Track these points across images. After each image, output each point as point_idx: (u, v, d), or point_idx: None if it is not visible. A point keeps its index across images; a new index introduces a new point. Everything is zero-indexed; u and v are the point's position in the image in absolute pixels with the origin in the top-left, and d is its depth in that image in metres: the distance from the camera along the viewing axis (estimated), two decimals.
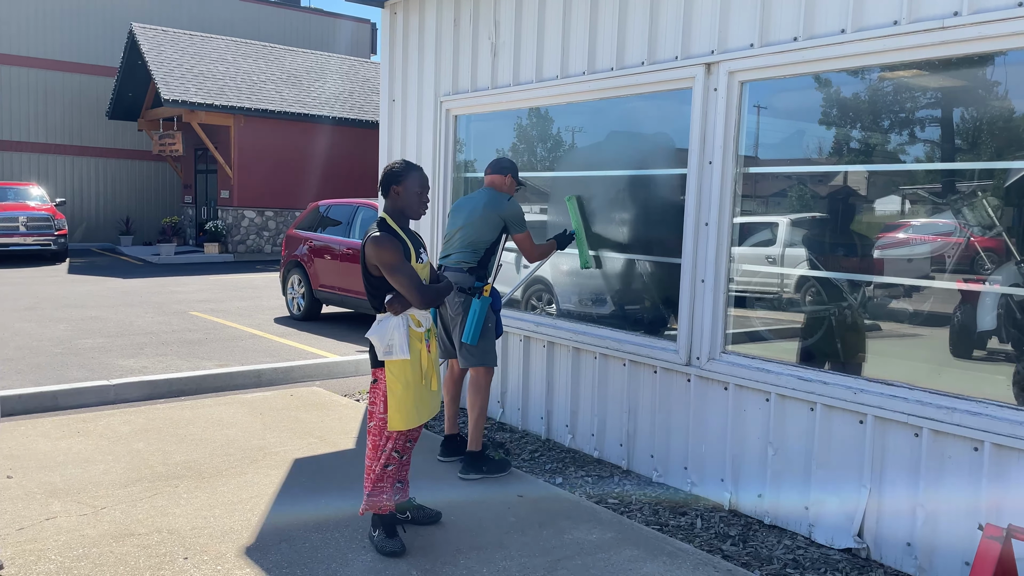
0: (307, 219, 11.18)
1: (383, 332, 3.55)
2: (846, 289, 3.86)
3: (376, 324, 3.58)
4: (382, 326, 3.56)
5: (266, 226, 21.16)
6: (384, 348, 3.54)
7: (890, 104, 3.68)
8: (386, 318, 3.57)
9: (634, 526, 4.01)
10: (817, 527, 3.95)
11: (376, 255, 3.48)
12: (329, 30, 29.26)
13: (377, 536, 3.61)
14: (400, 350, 3.53)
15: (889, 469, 3.67)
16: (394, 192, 3.66)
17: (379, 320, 3.59)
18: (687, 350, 4.49)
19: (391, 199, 3.68)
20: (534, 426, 5.60)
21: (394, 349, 3.53)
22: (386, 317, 3.57)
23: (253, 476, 4.50)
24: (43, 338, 8.72)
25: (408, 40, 6.50)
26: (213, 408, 5.93)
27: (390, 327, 3.54)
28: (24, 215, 17.59)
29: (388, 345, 3.53)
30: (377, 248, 3.48)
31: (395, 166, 3.69)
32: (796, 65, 3.94)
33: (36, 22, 23.16)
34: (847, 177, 3.86)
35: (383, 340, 3.54)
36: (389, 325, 3.55)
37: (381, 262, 3.48)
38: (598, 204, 5.11)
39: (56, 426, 5.35)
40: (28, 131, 23.29)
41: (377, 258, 3.48)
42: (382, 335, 3.55)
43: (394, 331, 3.54)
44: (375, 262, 3.51)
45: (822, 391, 3.86)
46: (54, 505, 3.99)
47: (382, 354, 3.55)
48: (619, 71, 4.78)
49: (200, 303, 11.96)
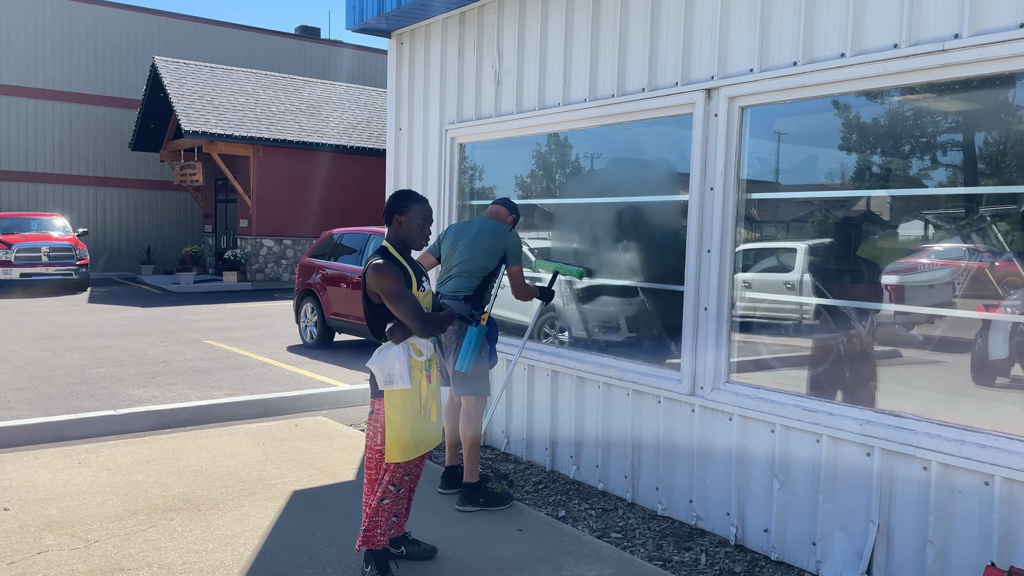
0: (320, 247, 11.22)
1: (384, 361, 3.49)
2: (853, 316, 3.76)
3: (377, 353, 3.53)
4: (383, 355, 3.51)
5: (284, 254, 21.31)
6: (385, 377, 3.48)
7: (893, 128, 3.60)
8: (387, 347, 3.52)
9: (636, 562, 3.89)
10: (825, 563, 3.81)
11: (377, 283, 3.44)
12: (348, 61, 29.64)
13: (369, 572, 3.53)
14: (401, 379, 3.47)
15: (898, 504, 3.54)
16: (396, 222, 3.63)
17: (380, 349, 3.54)
18: (691, 380, 4.39)
19: (393, 228, 3.65)
20: (539, 457, 5.51)
21: (395, 378, 3.47)
22: (387, 346, 3.52)
23: (250, 509, 4.44)
24: (57, 368, 8.77)
25: (414, 69, 6.53)
26: (216, 439, 5.89)
27: (391, 356, 3.49)
28: (46, 245, 17.84)
29: (388, 374, 3.47)
30: (378, 275, 3.44)
31: (399, 196, 3.66)
32: (796, 90, 3.88)
33: (61, 56, 23.68)
34: (851, 202, 3.78)
35: (384, 369, 3.48)
36: (390, 354, 3.49)
37: (382, 289, 3.44)
38: (601, 231, 5.05)
39: (59, 457, 5.33)
40: (53, 163, 23.72)
41: (378, 285, 3.44)
42: (383, 364, 3.49)
43: (395, 360, 3.48)
44: (376, 289, 3.46)
45: (828, 422, 3.75)
46: (47, 538, 3.95)
47: (383, 383, 3.49)
48: (620, 97, 4.74)
49: (215, 331, 12.01)
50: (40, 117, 23.48)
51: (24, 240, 17.85)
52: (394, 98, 6.74)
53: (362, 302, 3.59)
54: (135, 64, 24.75)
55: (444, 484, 4.82)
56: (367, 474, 3.57)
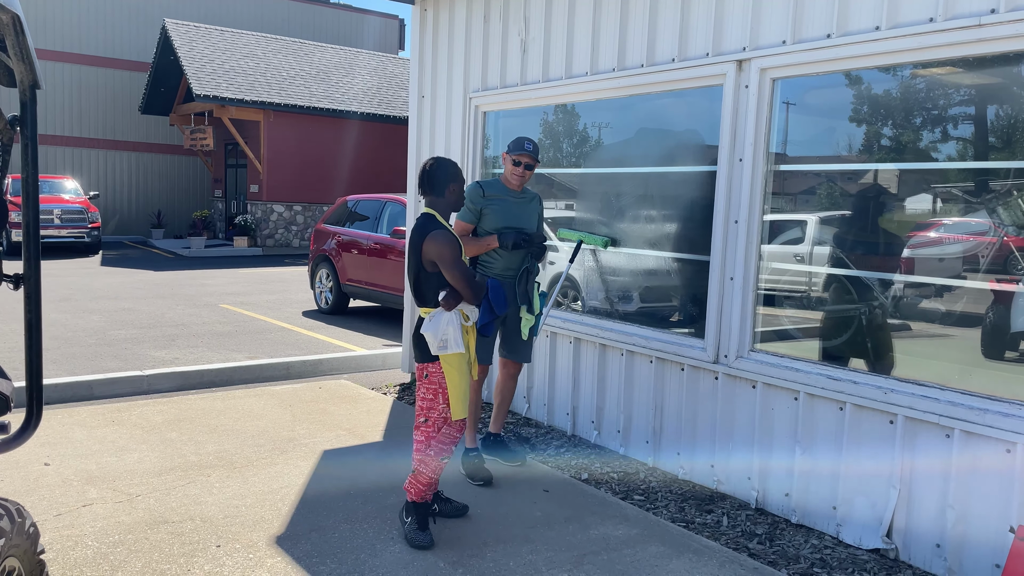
0: (335, 214, 11.28)
1: (437, 327, 3.57)
2: (876, 288, 3.84)
3: (429, 320, 3.60)
4: (435, 322, 3.58)
5: (294, 220, 21.37)
6: (439, 343, 3.57)
7: (923, 102, 3.64)
8: (438, 313, 3.59)
9: (660, 523, 4.02)
10: (845, 527, 3.93)
11: (438, 251, 3.52)
12: (358, 26, 29.42)
13: (409, 525, 3.65)
14: (455, 344, 3.58)
15: (919, 470, 3.64)
16: (451, 190, 3.70)
17: (431, 316, 3.60)
18: (715, 348, 4.48)
19: (446, 197, 3.71)
20: (560, 422, 5.62)
21: (448, 343, 3.58)
22: (438, 312, 3.60)
23: (283, 467, 4.57)
24: (77, 329, 8.89)
25: (438, 37, 6.54)
26: (244, 400, 6.02)
27: (443, 322, 3.58)
28: (59, 208, 17.92)
29: (443, 340, 3.57)
30: (440, 244, 3.52)
31: (451, 164, 3.71)
32: (829, 62, 3.92)
33: (72, 19, 23.55)
34: (878, 175, 3.83)
35: (437, 335, 3.57)
36: (442, 320, 3.58)
37: (442, 257, 3.52)
38: (626, 201, 5.11)
39: (92, 415, 5.46)
40: (63, 125, 23.70)
41: (438, 254, 3.52)
42: (436, 330, 3.57)
43: (448, 326, 3.58)
44: (434, 257, 3.54)
45: (852, 391, 3.84)
46: (90, 492, 4.08)
47: (436, 349, 3.58)
48: (649, 68, 4.77)
49: (230, 296, 12.12)
50: (51, 79, 23.40)
51: None
52: (417, 65, 6.75)
53: (409, 268, 3.66)
54: (146, 27, 24.61)
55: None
56: (424, 433, 3.64)
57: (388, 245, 9.87)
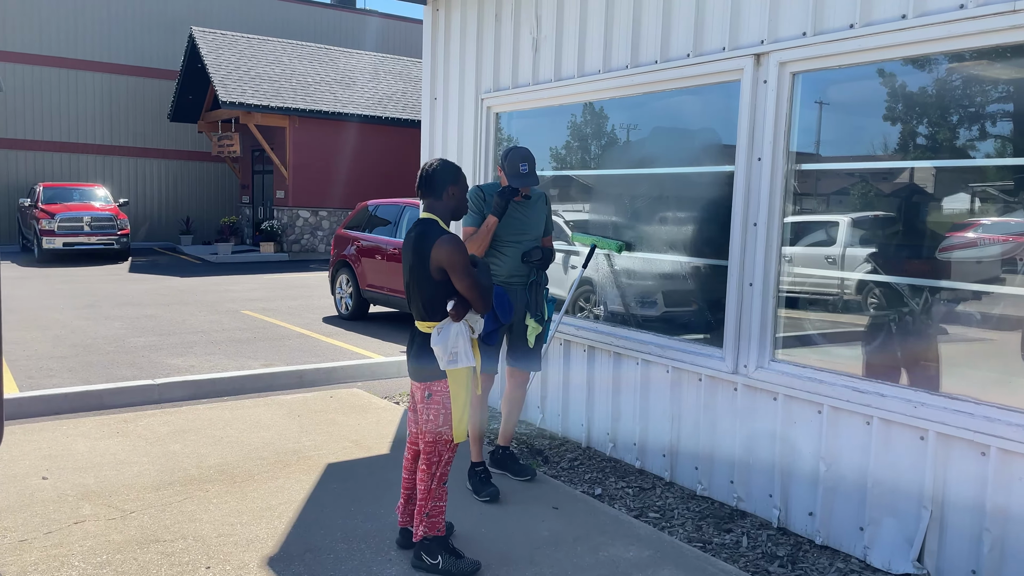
0: (356, 218, 11.18)
1: (446, 340, 3.33)
2: (906, 293, 3.58)
3: (437, 334, 3.34)
4: (444, 334, 3.33)
5: (320, 225, 21.39)
6: (448, 357, 3.33)
7: (956, 96, 3.39)
8: (447, 325, 3.35)
9: (674, 543, 3.80)
10: (873, 549, 3.68)
11: (449, 257, 3.27)
12: (384, 31, 29.47)
13: (446, 562, 3.38)
14: (466, 357, 3.35)
15: (953, 490, 3.39)
16: (449, 193, 3.45)
17: (440, 329, 3.34)
18: (734, 358, 4.25)
19: (444, 200, 3.45)
20: (574, 433, 5.42)
21: (459, 357, 3.34)
22: (447, 324, 3.35)
23: (284, 481, 4.43)
24: (97, 336, 8.88)
25: (450, 37, 6.38)
26: (252, 409, 5.90)
27: (453, 334, 3.34)
28: (88, 215, 18.10)
29: (452, 353, 3.33)
30: (451, 250, 3.27)
31: (451, 166, 3.47)
32: (852, 54, 3.68)
33: (103, 29, 23.86)
34: (908, 174, 3.58)
35: (447, 348, 3.32)
36: (451, 332, 3.34)
37: (453, 264, 3.27)
38: (641, 203, 4.90)
39: (97, 426, 5.38)
40: (94, 133, 24.01)
41: (449, 260, 3.27)
42: (445, 343, 3.32)
43: (458, 338, 3.34)
44: (445, 264, 3.28)
45: (879, 404, 3.59)
46: (84, 508, 3.97)
47: (446, 363, 3.33)
48: (664, 64, 4.56)
49: (252, 302, 12.09)
50: (81, 88, 23.73)
51: (67, 210, 18.13)
52: (429, 67, 6.60)
53: (412, 278, 3.38)
54: (173, 35, 24.86)
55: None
56: (426, 459, 3.41)
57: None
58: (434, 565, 3.38)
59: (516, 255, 4.33)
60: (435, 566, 3.38)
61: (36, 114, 23.16)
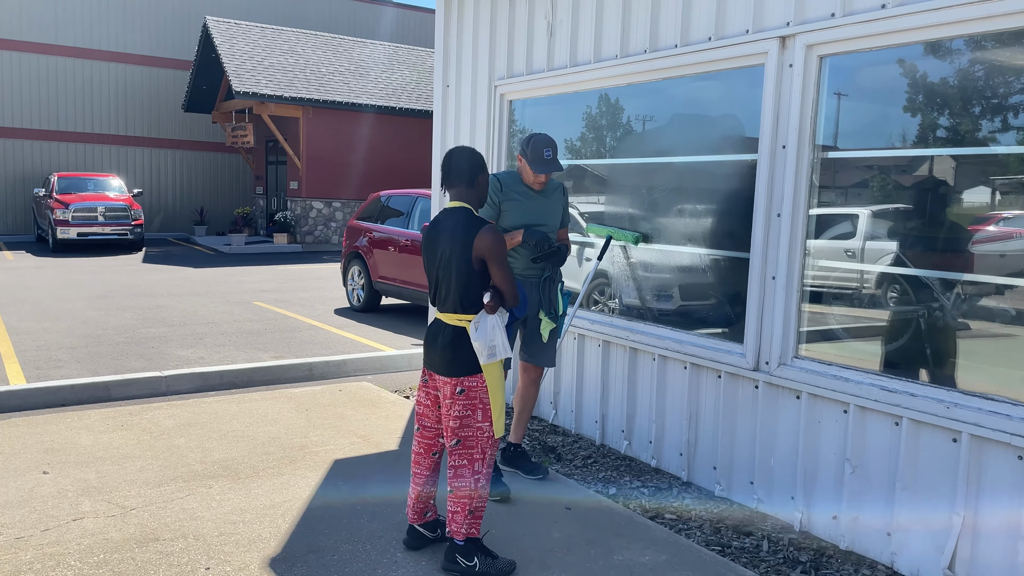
0: (368, 210, 11.06)
1: (485, 334, 3.20)
2: (937, 288, 3.40)
3: (475, 328, 3.20)
4: (483, 328, 3.20)
5: (333, 217, 21.30)
6: (488, 351, 3.20)
7: (999, 80, 3.19)
8: (483, 318, 3.22)
9: (692, 547, 3.64)
10: (901, 556, 3.51)
11: (491, 247, 3.16)
12: (399, 21, 29.29)
13: (483, 565, 3.24)
14: (503, 349, 3.24)
15: (987, 495, 3.21)
16: (479, 182, 3.34)
17: (478, 322, 3.21)
18: (755, 354, 4.08)
19: (476, 189, 3.33)
20: (588, 430, 5.27)
21: (497, 350, 3.22)
22: (483, 317, 3.22)
23: (290, 477, 4.31)
24: (108, 327, 8.81)
25: (463, 23, 6.22)
26: (260, 403, 5.79)
27: (490, 327, 3.21)
28: (102, 205, 18.10)
29: (491, 347, 3.21)
30: (495, 239, 3.16)
31: (476, 154, 3.34)
32: (885, 36, 3.49)
33: (116, 17, 23.83)
34: (942, 164, 3.39)
35: (486, 342, 3.20)
36: (488, 325, 3.22)
37: (494, 254, 3.17)
38: (659, 193, 4.73)
39: (102, 419, 5.28)
40: (109, 124, 24.02)
41: (490, 250, 3.16)
42: (485, 337, 3.20)
43: (496, 330, 3.22)
44: (485, 254, 3.17)
45: (909, 404, 3.42)
46: (84, 504, 3.87)
47: (486, 358, 3.21)
48: (684, 48, 4.38)
49: (264, 293, 12.00)
50: (96, 78, 23.73)
51: (81, 200, 18.13)
52: (442, 54, 6.45)
53: (448, 269, 3.22)
54: (188, 25, 24.79)
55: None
56: (465, 456, 3.25)
57: (419, 242, 9.60)
58: (470, 568, 3.24)
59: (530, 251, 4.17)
60: (471, 568, 3.24)
61: (51, 105, 23.19)
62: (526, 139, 4.14)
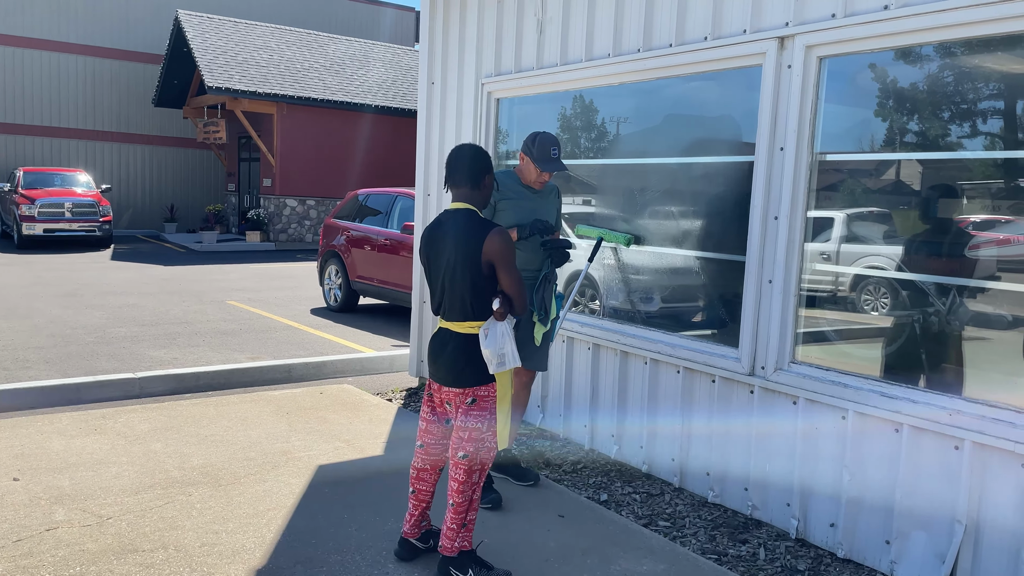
0: (345, 208, 10.89)
1: (495, 341, 3.09)
2: (934, 294, 3.36)
3: (486, 336, 3.09)
4: (493, 336, 3.09)
5: (307, 215, 21.03)
6: (498, 359, 3.10)
7: (1006, 84, 3.16)
8: (493, 325, 3.11)
9: (689, 556, 3.57)
10: (901, 564, 3.47)
11: (501, 250, 3.05)
12: (373, 18, 29.04)
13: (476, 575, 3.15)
14: (513, 358, 3.12)
15: (990, 503, 3.18)
16: (485, 183, 3.22)
17: (488, 330, 3.10)
18: (751, 358, 4.03)
19: (482, 190, 3.21)
20: (577, 434, 5.18)
21: (507, 358, 3.11)
22: (492, 324, 3.11)
23: (273, 484, 4.17)
24: (77, 326, 8.56)
25: (449, 18, 6.10)
26: (238, 406, 5.63)
27: (499, 334, 3.10)
28: (70, 201, 17.67)
29: (500, 355, 3.10)
30: (504, 242, 3.06)
31: (483, 153, 3.21)
32: (887, 37, 3.44)
33: (85, 9, 23.32)
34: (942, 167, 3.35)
35: (496, 351, 3.09)
36: (498, 332, 3.11)
37: (504, 258, 3.06)
38: (652, 195, 4.66)
39: (74, 422, 5.09)
40: (76, 118, 23.49)
41: (500, 254, 3.05)
42: (495, 345, 3.09)
43: (505, 338, 3.11)
44: (495, 258, 3.06)
45: (910, 410, 3.37)
46: (58, 513, 3.69)
47: (495, 367, 3.10)
48: (679, 47, 4.32)
49: (238, 292, 11.77)
50: (64, 71, 23.19)
51: (48, 195, 17.69)
52: (427, 50, 6.32)
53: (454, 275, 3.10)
54: (159, 18, 24.33)
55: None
56: (467, 468, 3.13)
57: (398, 241, 9.46)
58: None
59: (526, 248, 4.08)
60: None
61: (17, 97, 22.63)
62: (531, 137, 4.06)
